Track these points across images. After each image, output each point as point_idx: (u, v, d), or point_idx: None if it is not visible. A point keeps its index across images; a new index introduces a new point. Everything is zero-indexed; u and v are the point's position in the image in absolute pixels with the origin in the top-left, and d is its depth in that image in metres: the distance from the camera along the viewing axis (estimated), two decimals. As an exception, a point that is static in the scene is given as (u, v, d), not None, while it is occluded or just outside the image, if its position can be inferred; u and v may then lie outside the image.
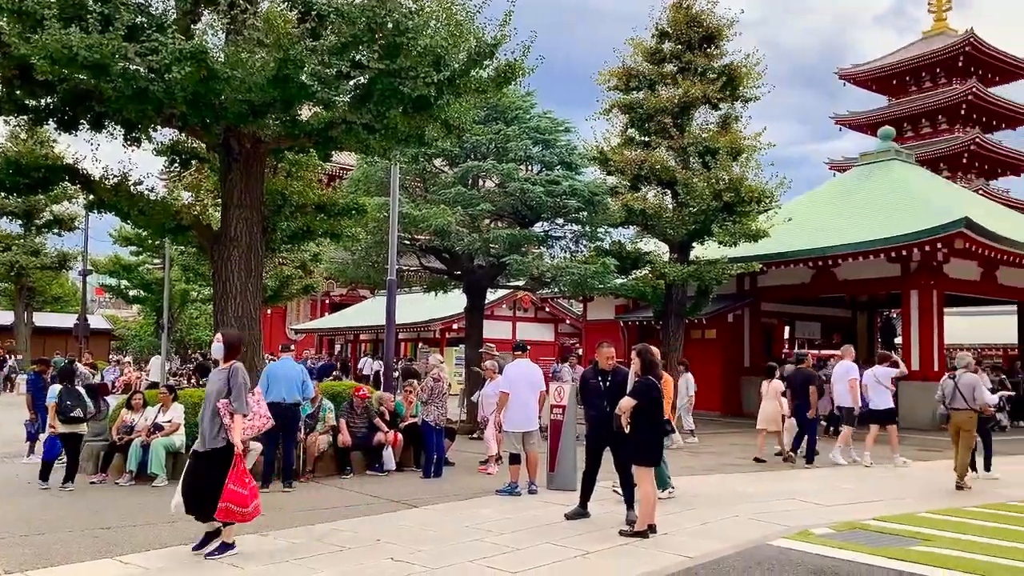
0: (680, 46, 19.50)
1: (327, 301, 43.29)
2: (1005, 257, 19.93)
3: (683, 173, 18.57)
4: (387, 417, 11.91)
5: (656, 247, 20.77)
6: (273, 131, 10.16)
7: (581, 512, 8.16)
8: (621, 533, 7.43)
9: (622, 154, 19.36)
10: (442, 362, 11.86)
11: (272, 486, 9.93)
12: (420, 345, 33.50)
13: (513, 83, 10.58)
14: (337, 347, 41.36)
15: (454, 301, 23.68)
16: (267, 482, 9.88)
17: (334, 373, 22.84)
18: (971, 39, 53.89)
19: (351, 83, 9.45)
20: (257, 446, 10.50)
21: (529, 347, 10.91)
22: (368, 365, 29.73)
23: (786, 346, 30.72)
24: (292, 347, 11.79)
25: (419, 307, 30.03)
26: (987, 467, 12.09)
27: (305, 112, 10.21)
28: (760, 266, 20.04)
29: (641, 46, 19.72)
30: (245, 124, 9.74)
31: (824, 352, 29.14)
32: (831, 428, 17.29)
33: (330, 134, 10.09)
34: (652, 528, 7.37)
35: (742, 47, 19.78)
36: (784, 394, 13.89)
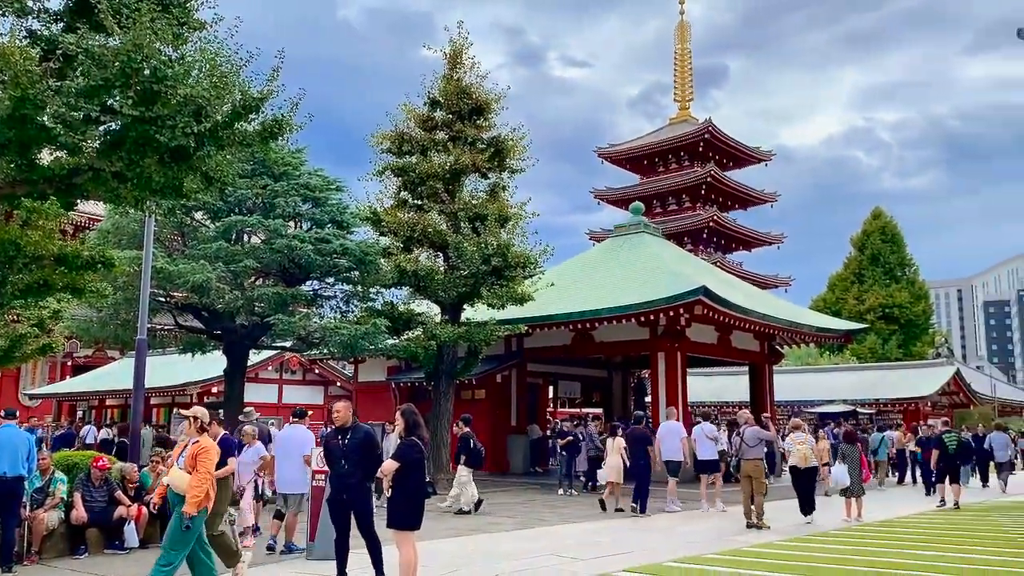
0: (451, 115, 20.16)
1: (70, 363, 39.33)
2: (737, 322, 22.19)
3: (454, 237, 19.05)
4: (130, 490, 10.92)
5: (428, 308, 21.01)
6: (6, 175, 9.20)
7: (340, 582, 7.89)
8: (381, 601, 7.26)
9: (395, 216, 19.54)
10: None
11: (-13, 573, 8.73)
12: (175, 410, 31.19)
13: (281, 138, 10.38)
14: (79, 413, 37.52)
15: (214, 363, 22.40)
16: (-19, 568, 8.67)
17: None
18: (709, 128, 60.41)
19: (101, 128, 8.82)
20: (-30, 527, 9.23)
21: (309, 413, 10.75)
22: (91, 433, 26.98)
23: (551, 405, 31.96)
24: (16, 413, 10.54)
25: (174, 369, 28.05)
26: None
27: (46, 156, 9.37)
28: (526, 328, 20.90)
29: (414, 112, 20.19)
30: (-29, 166, 8.76)
31: (584, 411, 30.59)
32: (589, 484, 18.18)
33: (74, 181, 9.30)
34: (412, 594, 7.27)
35: (509, 121, 20.77)
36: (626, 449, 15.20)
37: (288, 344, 19.00)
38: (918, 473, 22.40)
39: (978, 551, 10.66)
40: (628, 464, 15.08)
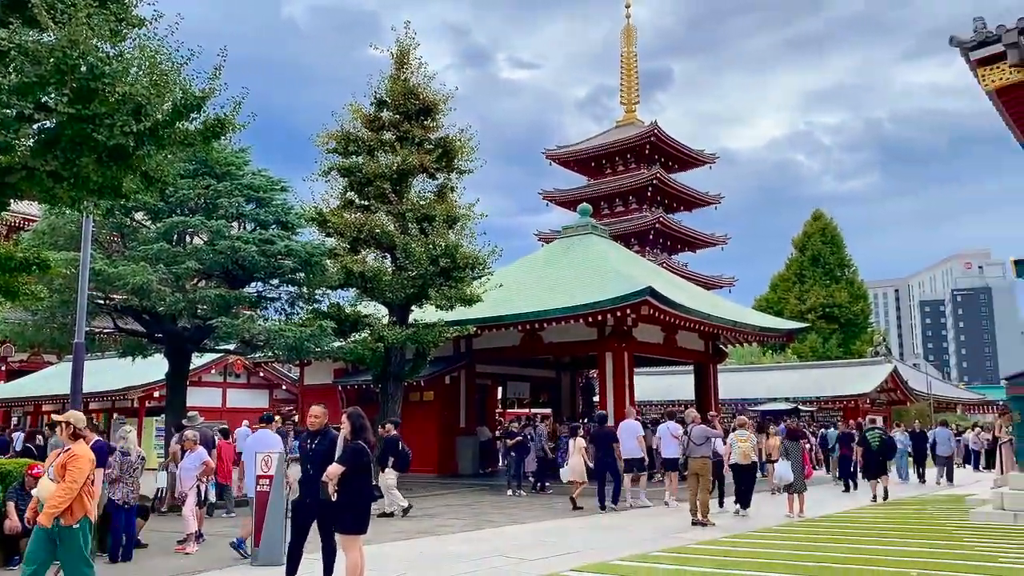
0: (398, 116, 20.01)
1: (4, 368, 38.12)
2: (682, 322, 22.48)
3: (402, 238, 18.91)
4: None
5: (376, 310, 20.83)
6: (-66, 174, 8.88)
7: (286, 588, 7.79)
8: (328, 606, 7.19)
9: (341, 216, 19.33)
10: (130, 432, 10.89)
11: (-87, 587, 8.42)
12: (115, 416, 30.42)
13: (223, 138, 10.20)
14: (15, 420, 36.36)
15: (155, 366, 21.89)
16: (-93, 583, 8.35)
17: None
18: (655, 131, 61.10)
19: (35, 127, 8.57)
20: None
21: (277, 418, 10.64)
22: (19, 440, 26.21)
23: (500, 406, 31.97)
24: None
25: (114, 373, 27.39)
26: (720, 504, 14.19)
27: (-25, 154, 9.06)
28: (474, 329, 20.87)
29: (360, 112, 19.99)
30: None
31: (533, 411, 30.64)
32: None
33: (7, 180, 9.02)
34: (360, 598, 7.21)
35: (457, 122, 20.69)
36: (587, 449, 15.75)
37: (232, 347, 18.67)
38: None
39: (915, 543, 10.99)
40: (591, 464, 15.43)
